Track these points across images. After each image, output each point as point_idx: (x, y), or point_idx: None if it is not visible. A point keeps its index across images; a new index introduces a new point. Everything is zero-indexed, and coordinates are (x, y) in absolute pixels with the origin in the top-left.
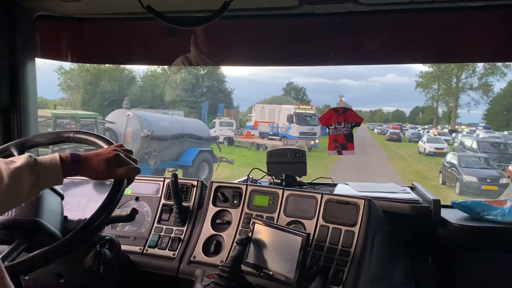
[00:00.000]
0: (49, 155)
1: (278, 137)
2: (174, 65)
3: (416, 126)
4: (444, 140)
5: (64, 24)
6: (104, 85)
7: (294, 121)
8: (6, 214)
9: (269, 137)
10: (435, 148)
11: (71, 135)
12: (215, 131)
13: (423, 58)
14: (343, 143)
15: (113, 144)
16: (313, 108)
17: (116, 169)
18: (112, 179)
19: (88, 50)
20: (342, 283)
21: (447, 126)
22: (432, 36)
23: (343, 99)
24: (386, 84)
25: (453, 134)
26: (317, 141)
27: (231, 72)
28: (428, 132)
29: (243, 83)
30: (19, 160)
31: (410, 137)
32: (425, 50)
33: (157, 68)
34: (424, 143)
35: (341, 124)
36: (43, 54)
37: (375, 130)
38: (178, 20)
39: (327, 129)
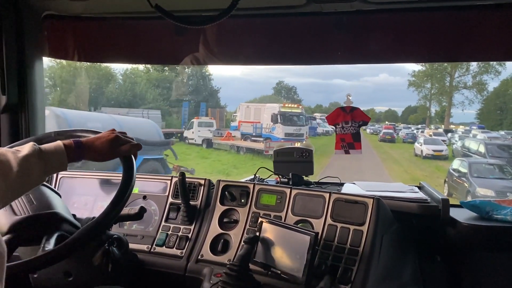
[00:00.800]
0: (52, 143)
1: (262, 139)
2: (182, 64)
3: (409, 126)
4: (441, 140)
5: (71, 23)
6: (80, 82)
7: (279, 120)
8: (22, 214)
9: (253, 138)
10: (433, 151)
11: (52, 135)
12: (193, 132)
13: (431, 57)
14: (350, 142)
15: (102, 132)
16: (300, 106)
17: (119, 148)
18: (117, 159)
19: (95, 49)
20: (350, 282)
21: (439, 126)
22: (440, 35)
23: (350, 98)
24: (379, 84)
25: (449, 134)
26: (304, 142)
27: (223, 72)
28: (423, 132)
29: (236, 82)
30: (24, 149)
31: (404, 137)
32: (432, 49)
33: (139, 65)
34: (421, 145)
35: (348, 123)
36: (50, 53)
37: (368, 130)
38: (186, 19)
39: (335, 127)
